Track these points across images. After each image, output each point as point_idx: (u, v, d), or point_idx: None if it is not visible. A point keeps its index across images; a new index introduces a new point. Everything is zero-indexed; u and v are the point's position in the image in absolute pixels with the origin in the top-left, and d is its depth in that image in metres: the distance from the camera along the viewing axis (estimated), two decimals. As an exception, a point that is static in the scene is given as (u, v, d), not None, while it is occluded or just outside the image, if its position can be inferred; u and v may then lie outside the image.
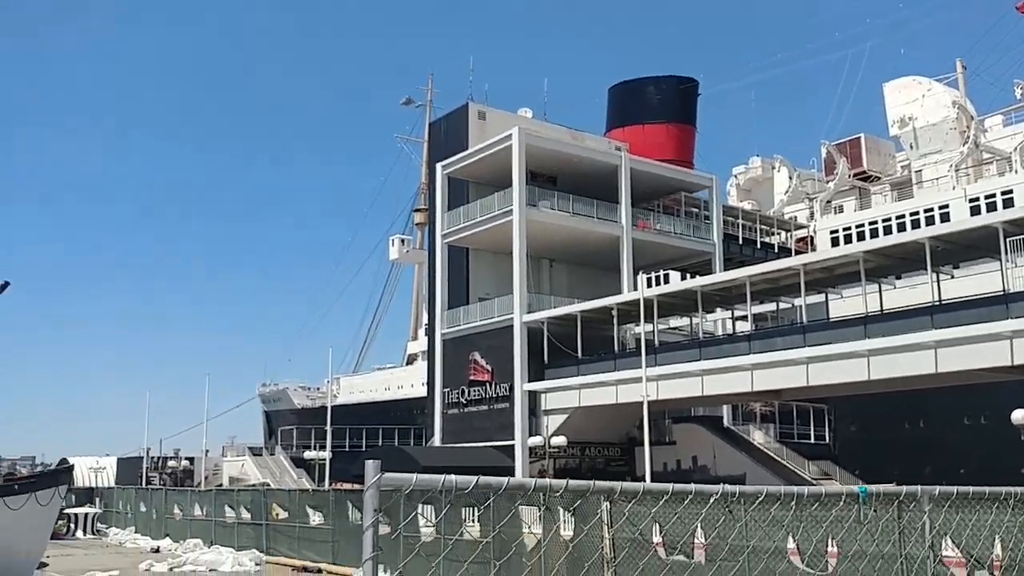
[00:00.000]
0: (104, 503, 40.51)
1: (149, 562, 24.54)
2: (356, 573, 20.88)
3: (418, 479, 2.91)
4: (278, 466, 58.50)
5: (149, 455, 57.54)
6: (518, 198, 42.78)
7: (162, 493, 36.01)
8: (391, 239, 75.38)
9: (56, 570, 21.64)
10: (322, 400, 63.70)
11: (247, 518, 27.80)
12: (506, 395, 42.00)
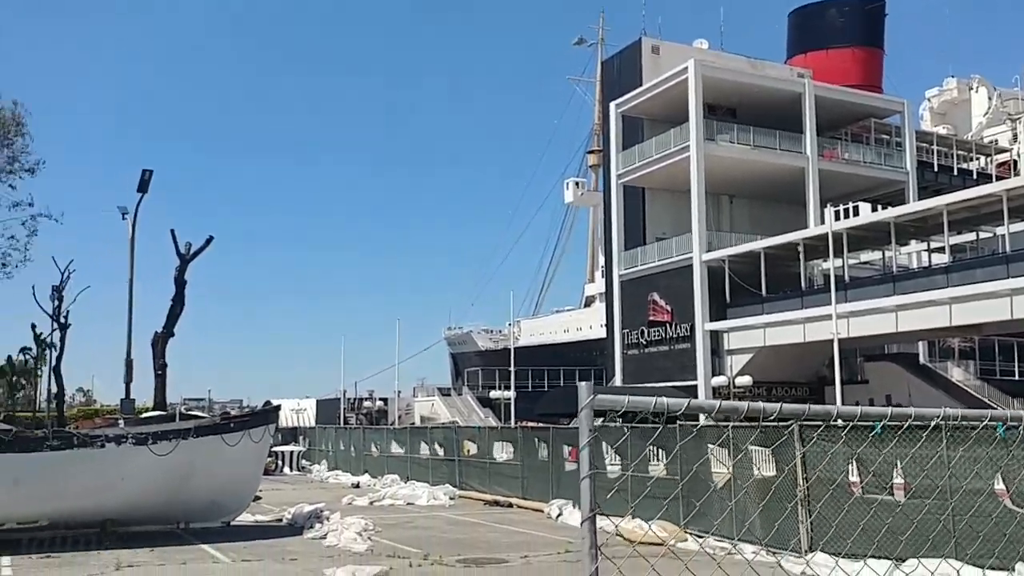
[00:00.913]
0: (307, 442, 43.07)
1: (351, 496, 25.98)
2: (546, 507, 21.39)
3: (630, 400, 2.93)
4: (465, 406, 60.44)
5: (345, 397, 60.68)
6: (695, 133, 41.84)
7: (360, 432, 37.90)
8: (566, 182, 75.44)
9: (268, 502, 23.25)
10: (504, 342, 65.09)
11: (440, 454, 28.93)
12: (687, 335, 41.61)
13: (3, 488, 15.78)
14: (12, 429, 17.78)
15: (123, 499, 16.85)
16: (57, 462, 16.26)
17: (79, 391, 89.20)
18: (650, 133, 45.63)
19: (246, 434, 18.19)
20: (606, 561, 2.99)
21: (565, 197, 75.64)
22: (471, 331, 75.09)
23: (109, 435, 17.09)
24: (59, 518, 16.58)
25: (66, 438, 16.83)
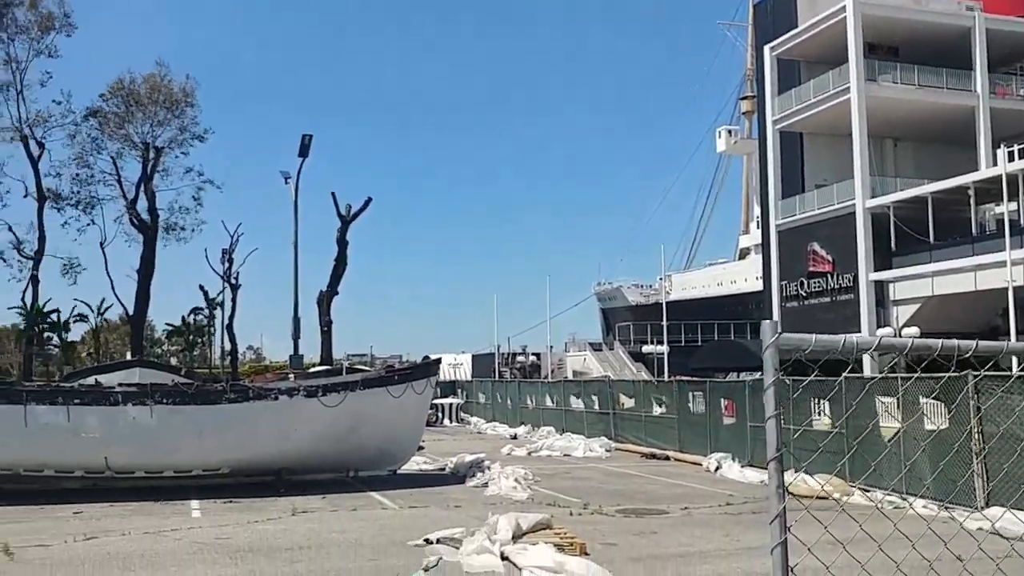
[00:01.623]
0: (465, 395, 44.14)
1: (509, 447, 26.53)
2: (704, 461, 21.24)
3: (817, 339, 2.84)
4: (617, 360, 60.44)
5: (499, 352, 61.70)
6: (856, 74, 39.98)
7: (515, 385, 38.54)
8: (718, 131, 73.67)
9: (431, 452, 23.99)
10: (656, 297, 64.56)
11: (595, 408, 29.12)
12: (849, 286, 40.15)
13: (188, 438, 16.89)
14: (194, 383, 18.92)
15: (296, 448, 17.74)
16: (235, 414, 17.26)
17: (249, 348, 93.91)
18: (807, 76, 43.91)
19: (409, 386, 18.78)
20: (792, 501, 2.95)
21: (717, 146, 73.92)
22: (621, 286, 74.79)
23: (282, 388, 17.98)
24: (239, 466, 17.62)
25: (242, 391, 17.80)
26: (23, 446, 16.19)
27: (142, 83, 51.92)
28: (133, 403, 16.67)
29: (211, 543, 11.88)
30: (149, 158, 52.03)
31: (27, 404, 16.19)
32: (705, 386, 23.35)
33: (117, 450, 16.50)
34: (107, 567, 10.31)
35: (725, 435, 21.73)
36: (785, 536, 2.78)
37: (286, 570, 10.13)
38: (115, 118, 51.99)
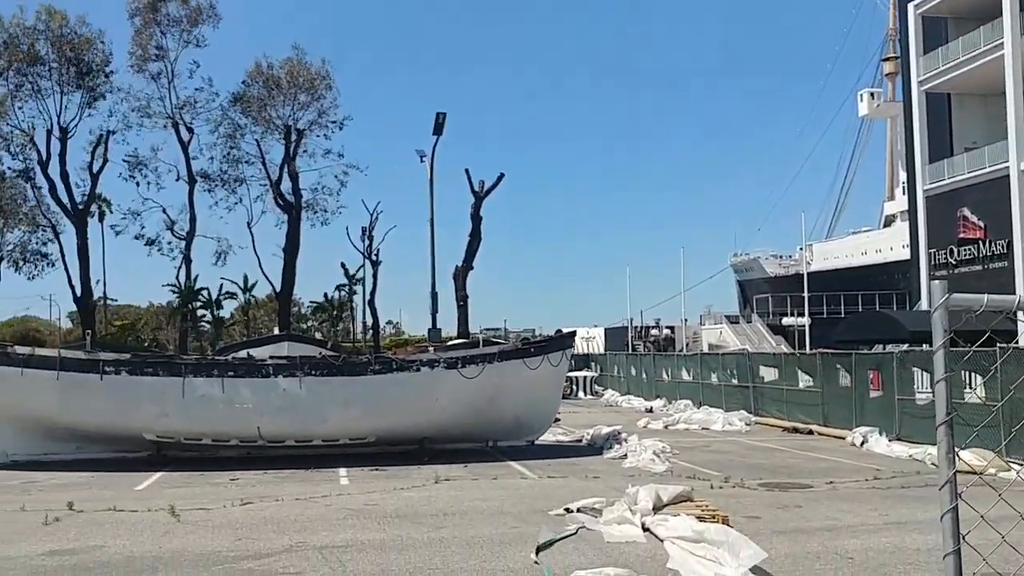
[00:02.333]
0: (599, 368, 44.15)
1: (645, 420, 26.42)
2: (849, 435, 20.64)
3: (989, 299, 2.72)
4: (755, 333, 59.19)
5: (632, 325, 61.34)
6: (1010, 28, 37.63)
7: (650, 358, 38.28)
8: (859, 94, 70.74)
9: (567, 424, 24.15)
10: (795, 267, 62.76)
11: (733, 381, 28.65)
12: (1003, 253, 38.08)
13: (336, 408, 17.52)
14: (340, 355, 19.57)
15: (437, 418, 18.18)
16: (379, 385, 17.80)
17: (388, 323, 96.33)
18: (955, 33, 41.65)
19: (545, 358, 18.94)
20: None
21: (859, 110, 71.03)
22: (759, 257, 73.01)
23: (423, 360, 18.41)
24: (383, 435, 18.17)
25: (386, 363, 18.33)
26: (183, 416, 17.14)
27: (281, 67, 53.72)
28: (283, 375, 17.41)
29: (360, 509, 12.32)
30: (291, 140, 53.86)
31: (185, 377, 17.12)
32: (850, 358, 22.64)
33: (269, 420, 17.28)
34: (263, 530, 10.83)
35: (871, 408, 21.06)
36: (956, 503, 2.69)
37: (432, 536, 10.42)
38: (257, 102, 53.99)
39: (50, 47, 50.79)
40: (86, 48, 51.52)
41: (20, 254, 62.79)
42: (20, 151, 52.26)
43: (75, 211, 52.86)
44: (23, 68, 50.21)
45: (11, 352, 17.72)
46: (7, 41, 49.96)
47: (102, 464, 17.11)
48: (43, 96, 51.39)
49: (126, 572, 8.74)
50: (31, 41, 50.37)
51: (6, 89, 50.77)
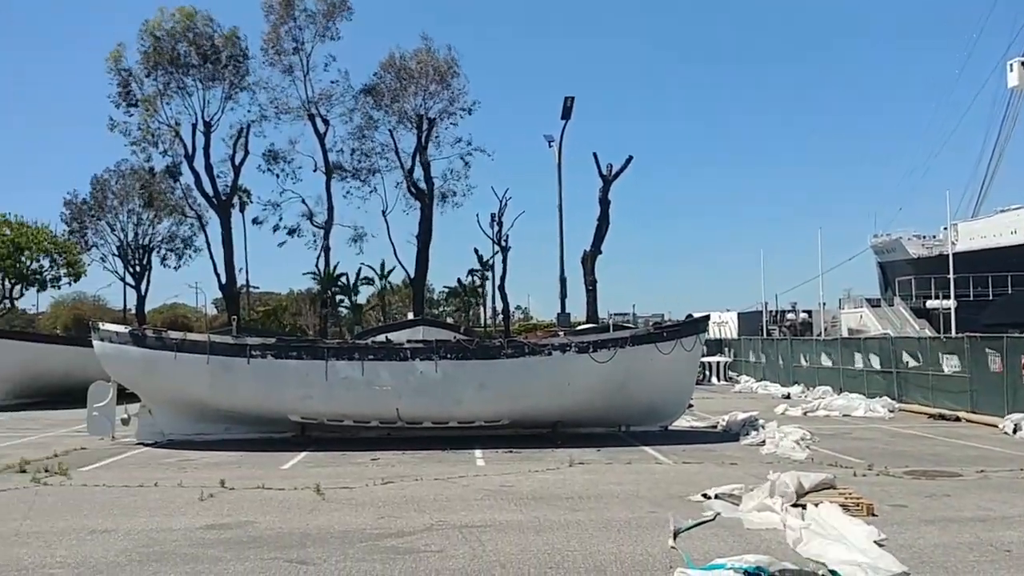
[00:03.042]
0: (732, 353, 43.35)
1: (783, 406, 25.81)
2: (1000, 422, 19.69)
3: None
4: (897, 316, 56.88)
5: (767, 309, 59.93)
6: None
7: (787, 343, 37.33)
8: (1009, 63, 66.92)
9: (701, 410, 23.85)
10: (939, 248, 60.03)
11: (875, 366, 27.67)
12: None
13: (470, 391, 17.81)
14: (474, 339, 19.86)
15: (569, 402, 18.24)
16: (513, 368, 17.98)
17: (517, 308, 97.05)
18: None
19: (678, 343, 18.73)
20: None
21: (1008, 80, 67.20)
22: (900, 237, 70.09)
23: (555, 344, 18.49)
24: (517, 418, 18.37)
25: (519, 347, 18.48)
26: (325, 398, 17.75)
27: (411, 57, 54.64)
28: (420, 358, 17.79)
29: (496, 490, 12.50)
30: (423, 129, 54.80)
31: (328, 360, 17.70)
32: (1001, 342, 21.53)
33: (407, 402, 17.72)
34: (404, 509, 11.12)
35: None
36: None
37: (568, 518, 10.48)
38: (389, 93, 55.12)
39: (190, 46, 53.15)
40: (224, 45, 53.67)
41: (169, 244, 66.17)
42: (169, 147, 54.97)
43: (219, 202, 55.27)
44: (168, 68, 52.72)
45: (165, 337, 18.69)
46: (153, 44, 52.54)
47: (250, 444, 17.90)
48: (187, 93, 53.92)
49: (277, 547, 9.12)
50: (173, 42, 52.83)
51: (154, 89, 53.45)
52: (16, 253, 53.04)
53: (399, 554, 8.77)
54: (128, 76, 53.38)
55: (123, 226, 66.32)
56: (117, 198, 65.71)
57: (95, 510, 11.27)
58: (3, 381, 30.20)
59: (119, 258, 66.49)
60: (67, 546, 9.25)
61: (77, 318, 74.89)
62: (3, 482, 13.59)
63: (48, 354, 32.48)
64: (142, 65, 53.03)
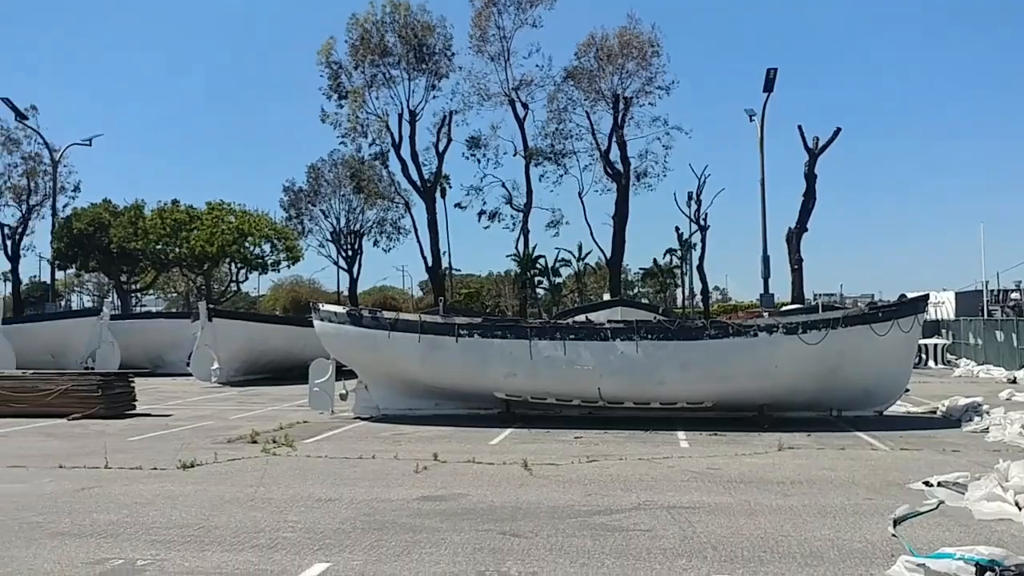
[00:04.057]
0: (950, 335, 40.84)
1: (1008, 391, 24.05)
2: None
3: None
4: None
5: (987, 288, 56.04)
6: None
7: (1012, 324, 34.78)
8: None
9: (917, 394, 22.65)
10: None
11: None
12: None
13: (673, 371, 17.65)
14: (676, 319, 19.67)
15: (777, 385, 17.74)
16: (716, 350, 17.67)
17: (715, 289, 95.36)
18: None
19: (895, 323, 17.83)
20: None
21: None
22: None
23: (761, 325, 18.01)
24: (721, 401, 18.06)
25: (722, 328, 18.13)
26: (529, 376, 18.08)
27: (614, 38, 54.42)
28: (621, 338, 17.80)
29: (702, 472, 12.36)
30: (619, 109, 54.57)
31: (531, 339, 18.02)
32: None
33: (608, 381, 17.78)
34: (611, 487, 11.19)
35: None
36: None
37: (780, 503, 10.23)
38: (588, 74, 55.18)
39: (396, 37, 55.14)
40: (429, 34, 55.34)
41: (378, 228, 69.15)
42: (377, 137, 57.36)
43: (424, 188, 57.22)
44: (376, 60, 54.92)
45: (380, 317, 19.59)
46: (362, 36, 54.86)
47: (458, 419, 18.52)
48: (393, 84, 56.01)
49: (489, 519, 9.41)
50: (381, 34, 54.97)
51: (363, 81, 55.83)
52: (240, 239, 56.96)
53: (608, 531, 8.85)
54: (338, 69, 56.03)
55: (336, 212, 69.86)
56: (330, 186, 69.25)
57: (319, 479, 12.00)
58: (232, 359, 32.57)
59: (332, 243, 70.10)
60: (296, 512, 9.90)
61: (295, 300, 79.73)
62: (238, 451, 14.70)
63: (271, 333, 34.76)
64: (350, 57, 55.56)
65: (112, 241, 56.27)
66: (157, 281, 71.81)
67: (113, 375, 22.58)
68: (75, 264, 60.49)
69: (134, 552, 8.18)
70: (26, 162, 62.09)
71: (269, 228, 59.31)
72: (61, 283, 72.69)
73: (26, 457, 14.24)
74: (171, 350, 38.86)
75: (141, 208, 58.82)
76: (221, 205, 58.71)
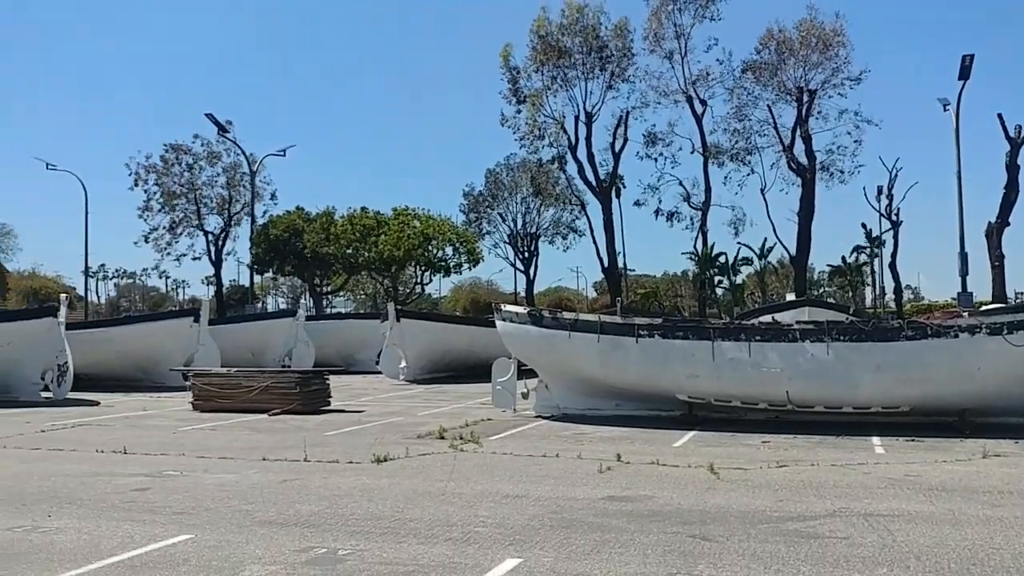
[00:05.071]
0: None
1: None
2: None
3: None
4: None
5: None
6: None
7: None
8: None
9: None
10: None
11: None
12: None
13: (867, 374, 16.91)
14: (869, 320, 18.86)
15: (979, 389, 16.72)
16: (913, 351, 16.80)
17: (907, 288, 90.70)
18: None
19: None
20: None
21: None
22: None
23: (962, 325, 17.01)
24: (918, 405, 17.15)
25: (920, 328, 17.23)
26: (712, 378, 17.78)
27: (793, 29, 52.80)
28: (811, 340, 17.21)
29: (900, 479, 11.80)
30: (803, 102, 52.83)
31: (714, 340, 17.70)
32: None
33: (797, 384, 17.21)
34: (802, 493, 10.85)
35: None
36: None
37: (988, 513, 9.63)
38: (769, 68, 53.72)
39: (576, 39, 55.40)
40: (611, 36, 55.34)
41: (554, 230, 69.76)
42: (554, 139, 57.88)
43: (600, 189, 57.25)
44: (555, 63, 55.38)
45: (560, 317, 19.76)
46: (541, 39, 55.46)
47: (639, 421, 18.42)
48: (570, 86, 56.32)
49: (677, 522, 9.31)
50: (559, 37, 55.40)
51: (541, 84, 56.46)
52: (424, 243, 58.77)
53: (803, 538, 8.59)
54: (517, 73, 56.88)
55: (513, 215, 71.01)
56: (507, 189, 70.47)
57: (506, 476, 12.23)
58: (418, 357, 33.67)
59: (509, 245, 71.27)
60: (486, 507, 10.12)
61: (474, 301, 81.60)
62: (427, 447, 15.19)
63: (454, 333, 35.71)
64: (530, 61, 56.26)
65: (306, 246, 59.30)
66: (347, 284, 75.05)
67: (310, 373, 23.82)
68: (272, 268, 64.10)
69: (335, 542, 8.58)
70: (227, 173, 66.41)
71: (451, 232, 60.91)
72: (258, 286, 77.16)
73: (233, 449, 15.22)
74: (361, 349, 40.61)
75: (332, 214, 61.75)
76: (406, 211, 60.78)
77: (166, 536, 8.83)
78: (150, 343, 31.78)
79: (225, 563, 7.84)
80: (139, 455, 14.64)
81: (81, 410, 23.00)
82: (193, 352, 31.65)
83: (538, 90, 56.21)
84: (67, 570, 7.66)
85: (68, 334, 26.72)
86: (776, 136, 54.35)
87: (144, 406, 24.36)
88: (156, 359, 31.27)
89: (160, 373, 31.02)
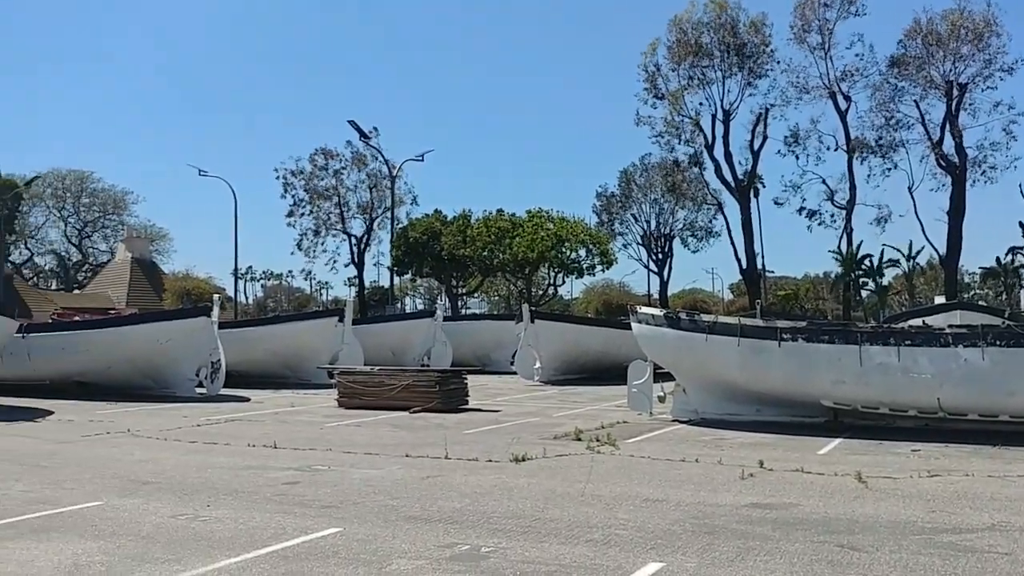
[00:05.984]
0: None
1: None
2: None
3: None
4: None
5: None
6: None
7: None
8: None
9: None
10: None
11: None
12: None
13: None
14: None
15: None
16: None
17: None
18: None
19: None
20: None
21: None
22: None
23: None
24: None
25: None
26: (859, 384, 17.16)
27: (940, 21, 50.55)
28: (964, 345, 16.43)
29: (1066, 494, 11.16)
30: (953, 96, 50.50)
31: (862, 345, 17.10)
32: None
33: (949, 391, 16.45)
34: (957, 504, 10.39)
35: None
36: None
37: None
38: (915, 62, 51.59)
39: (714, 36, 54.54)
40: (750, 32, 54.25)
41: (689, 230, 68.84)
42: (690, 138, 57.16)
43: (738, 188, 56.17)
44: (694, 61, 54.67)
45: (698, 320, 19.50)
46: (679, 37, 54.86)
47: (780, 427, 17.97)
48: (708, 84, 55.50)
49: (824, 531, 9.07)
50: (698, 34, 54.67)
51: (678, 83, 55.85)
52: (558, 245, 58.96)
53: (958, 551, 8.23)
54: (655, 72, 56.40)
55: (646, 216, 70.42)
56: (641, 190, 69.94)
57: (644, 479, 12.17)
58: (552, 358, 33.82)
59: (642, 246, 70.70)
60: (626, 510, 10.11)
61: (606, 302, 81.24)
62: (564, 447, 15.26)
63: (587, 335, 35.72)
64: (668, 60, 55.70)
65: (443, 248, 60.41)
66: (482, 285, 76.06)
67: (449, 372, 24.28)
68: (411, 270, 65.57)
69: (478, 539, 8.73)
70: (370, 178, 68.36)
71: (584, 233, 60.90)
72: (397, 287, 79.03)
73: (377, 446, 15.67)
74: (497, 349, 41.07)
75: (468, 217, 62.68)
76: (540, 213, 61.11)
77: (316, 528, 9.19)
78: (298, 342, 33.04)
79: (373, 556, 8.10)
80: (288, 450, 15.26)
81: (233, 406, 24.11)
82: (338, 351, 32.76)
83: (677, 89, 55.57)
84: (227, 558, 8.07)
85: (220, 333, 28.03)
86: (924, 132, 52.15)
87: (292, 402, 25.36)
88: (303, 357, 32.50)
89: (306, 370, 32.23)
